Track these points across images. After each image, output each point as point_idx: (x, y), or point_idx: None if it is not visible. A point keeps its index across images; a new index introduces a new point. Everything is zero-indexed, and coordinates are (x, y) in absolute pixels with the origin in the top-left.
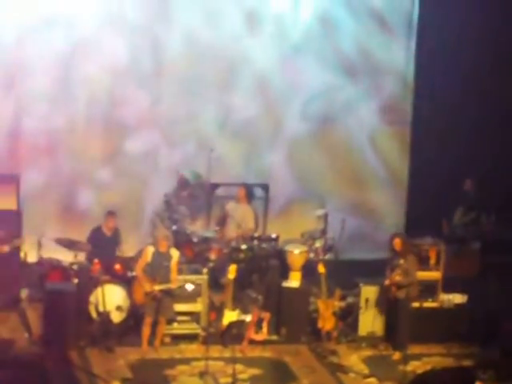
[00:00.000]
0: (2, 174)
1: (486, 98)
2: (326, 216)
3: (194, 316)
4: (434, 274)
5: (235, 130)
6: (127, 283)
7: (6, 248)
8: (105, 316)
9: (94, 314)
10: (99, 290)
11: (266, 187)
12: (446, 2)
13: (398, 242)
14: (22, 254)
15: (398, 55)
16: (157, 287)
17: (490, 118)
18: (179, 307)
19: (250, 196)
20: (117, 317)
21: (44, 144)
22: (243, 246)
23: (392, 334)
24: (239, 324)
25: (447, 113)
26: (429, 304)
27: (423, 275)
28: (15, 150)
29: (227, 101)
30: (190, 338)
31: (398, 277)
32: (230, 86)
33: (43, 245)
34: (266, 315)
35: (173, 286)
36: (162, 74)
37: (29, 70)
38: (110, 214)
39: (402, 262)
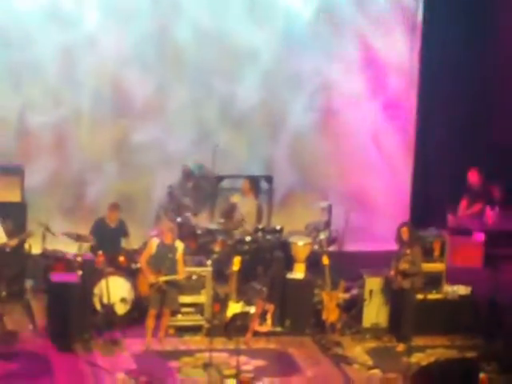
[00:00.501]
0: (7, 166)
1: (490, 93)
2: (329, 208)
3: (198, 308)
4: (438, 266)
5: (238, 120)
6: (132, 275)
7: (14, 241)
8: (109, 308)
9: (98, 306)
10: (103, 281)
11: (270, 179)
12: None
13: (404, 231)
14: (26, 246)
15: (403, 51)
16: (161, 279)
17: (494, 111)
18: (183, 299)
19: (255, 189)
20: (121, 309)
21: (50, 137)
22: (247, 238)
23: (396, 326)
24: (243, 316)
25: (451, 107)
26: (433, 296)
27: (427, 267)
28: (22, 143)
29: (231, 91)
30: (194, 329)
31: (404, 265)
32: (234, 75)
33: (48, 237)
34: (270, 307)
35: (178, 277)
36: (167, 63)
37: (34, 64)
38: (113, 206)
39: (408, 251)
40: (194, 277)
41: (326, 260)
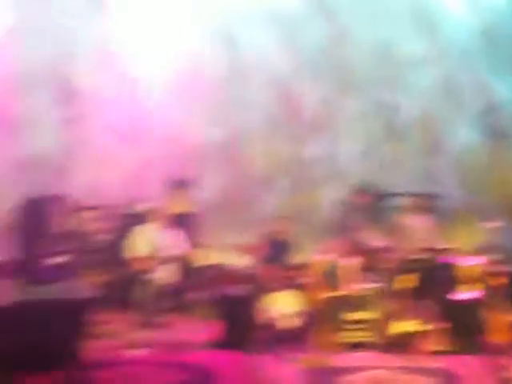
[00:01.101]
0: (178, 179)
1: None
2: (499, 228)
3: (368, 324)
4: None
5: (402, 133)
6: (299, 290)
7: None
8: (277, 322)
9: (266, 320)
10: (271, 295)
11: (436, 197)
12: None
13: None
14: (192, 258)
15: None
16: (331, 294)
17: None
18: (353, 315)
19: (423, 207)
20: (288, 323)
21: (222, 151)
22: (416, 257)
23: None
24: (413, 334)
25: None
26: None
27: None
28: (196, 158)
29: (395, 102)
30: (364, 346)
31: None
32: (399, 87)
33: (216, 249)
34: (440, 326)
35: (347, 293)
36: (335, 76)
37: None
38: (281, 218)
39: None
40: (364, 293)
41: (495, 280)
